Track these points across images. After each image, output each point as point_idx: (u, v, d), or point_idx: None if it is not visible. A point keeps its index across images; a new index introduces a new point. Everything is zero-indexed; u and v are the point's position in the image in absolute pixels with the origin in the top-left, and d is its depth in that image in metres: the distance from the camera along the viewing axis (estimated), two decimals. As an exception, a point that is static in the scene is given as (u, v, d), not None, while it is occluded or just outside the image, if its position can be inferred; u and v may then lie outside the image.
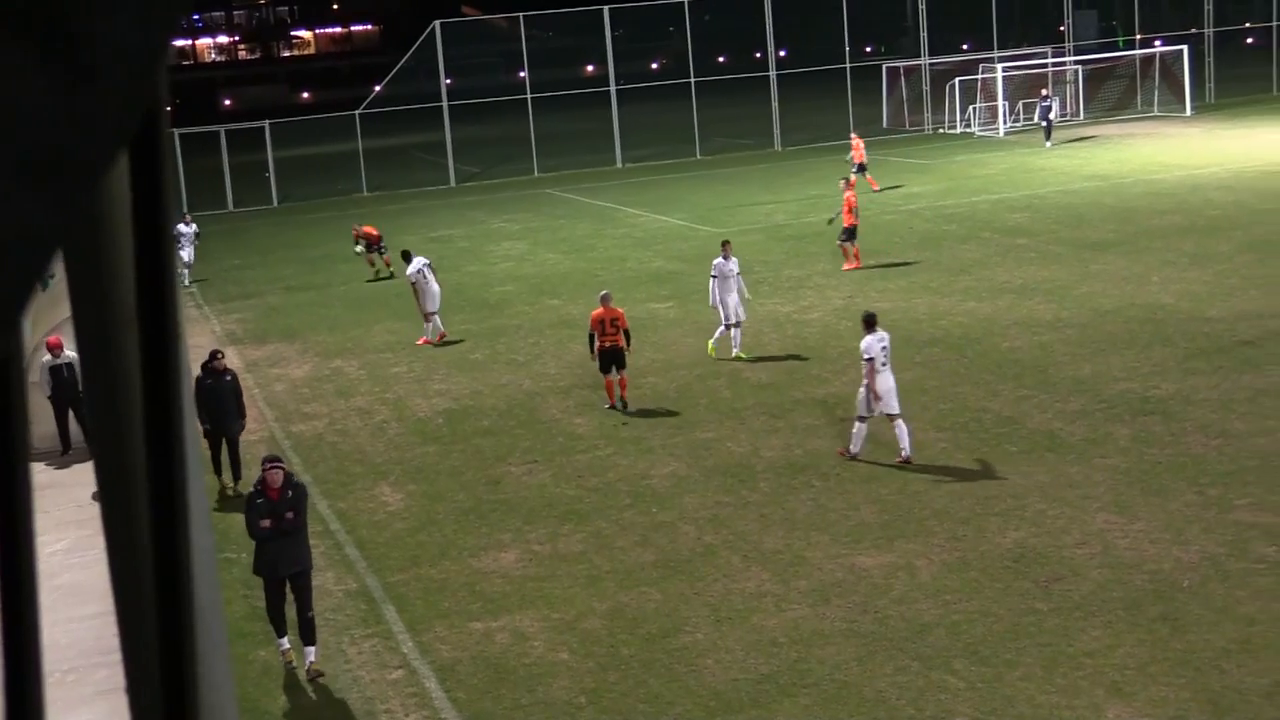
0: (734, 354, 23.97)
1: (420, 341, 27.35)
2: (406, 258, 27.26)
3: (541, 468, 20.11)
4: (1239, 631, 13.36)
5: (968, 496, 17.26)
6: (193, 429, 0.96)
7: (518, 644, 14.31)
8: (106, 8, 0.58)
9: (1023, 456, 18.54)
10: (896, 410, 18.43)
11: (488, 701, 13.16)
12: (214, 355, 20.18)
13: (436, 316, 27.41)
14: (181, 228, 36.80)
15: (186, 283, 36.09)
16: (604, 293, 22.09)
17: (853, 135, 45.04)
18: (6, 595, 0.81)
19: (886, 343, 18.52)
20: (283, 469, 14.64)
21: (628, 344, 21.21)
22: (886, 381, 18.32)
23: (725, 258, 24.95)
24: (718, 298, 24.28)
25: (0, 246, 0.58)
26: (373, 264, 35.83)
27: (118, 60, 0.59)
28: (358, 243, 36.61)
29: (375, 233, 36.14)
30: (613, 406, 21.42)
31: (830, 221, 33.50)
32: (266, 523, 14.01)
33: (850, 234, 31.65)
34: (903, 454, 18.17)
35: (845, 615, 14.31)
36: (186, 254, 36.88)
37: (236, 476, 19.28)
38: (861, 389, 18.54)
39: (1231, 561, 14.74)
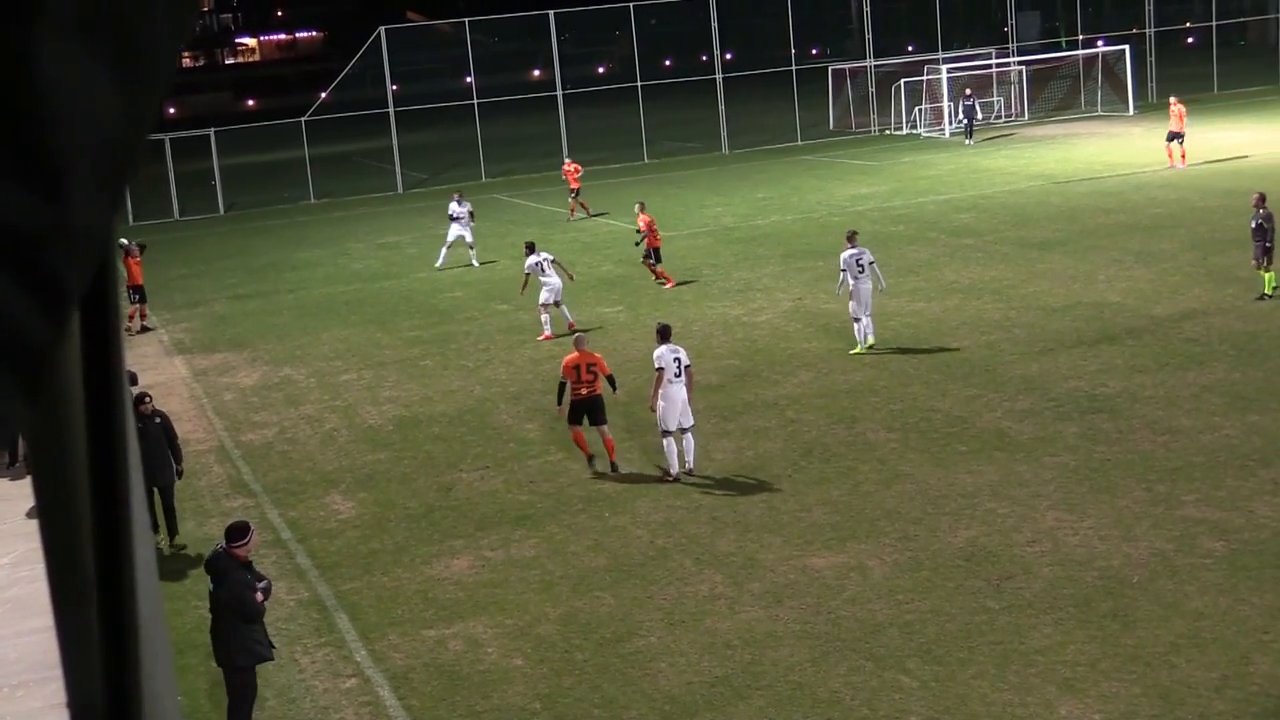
0: (867, 344, 23.72)
1: (541, 338, 26.70)
2: (529, 249, 26.74)
3: (493, 474, 19.80)
4: (1187, 626, 13.38)
5: (919, 496, 17.13)
6: (134, 441, 0.92)
7: (471, 651, 14.16)
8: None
9: (972, 455, 18.42)
10: (690, 423, 18.44)
11: (442, 709, 13.01)
12: (140, 399, 18.18)
13: (555, 308, 26.53)
14: (454, 206, 35.63)
15: (475, 264, 35.37)
16: (578, 335, 20.20)
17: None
18: None
19: (681, 355, 18.39)
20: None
21: (613, 388, 19.02)
22: (680, 394, 18.22)
23: (853, 246, 24.35)
24: (852, 288, 23.75)
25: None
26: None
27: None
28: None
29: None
30: (590, 457, 18.74)
31: (638, 244, 33.00)
32: (259, 597, 13.29)
33: (655, 255, 31.42)
34: (687, 465, 18.29)
35: (798, 617, 14.22)
36: (467, 234, 35.66)
37: (172, 532, 17.67)
38: (661, 404, 18.44)
39: (1180, 557, 14.74)
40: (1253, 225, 25.19)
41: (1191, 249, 31.07)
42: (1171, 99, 43.78)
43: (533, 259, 26.41)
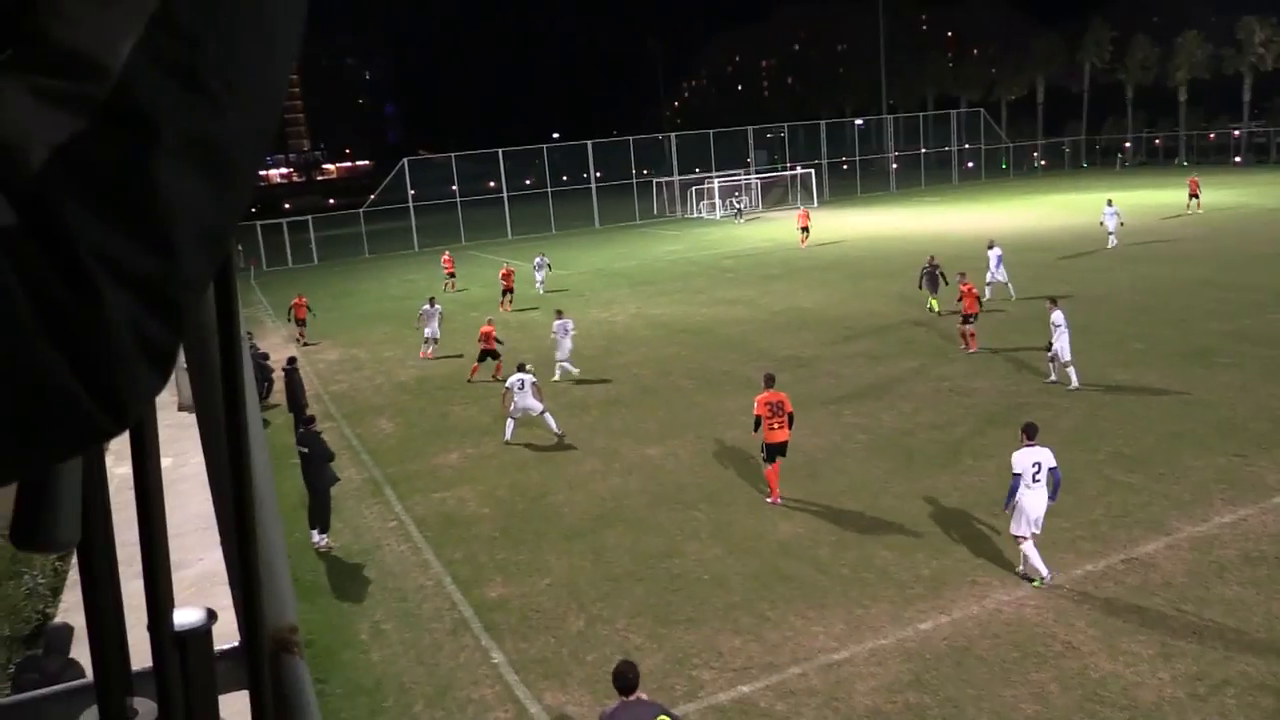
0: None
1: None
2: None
3: (472, 407, 22.17)
4: (848, 481, 15.26)
5: (705, 414, 19.59)
6: (249, 371, 0.95)
7: (460, 505, 15.94)
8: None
9: (734, 391, 20.79)
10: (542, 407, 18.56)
11: (445, 537, 14.69)
12: (292, 361, 20.95)
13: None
14: (538, 259, 38.24)
15: (541, 291, 36.93)
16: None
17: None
18: None
19: (527, 378, 18.41)
20: None
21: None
22: (526, 400, 18.42)
23: (560, 318, 23.53)
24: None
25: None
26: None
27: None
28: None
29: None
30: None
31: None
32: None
33: (509, 293, 34.55)
34: (556, 434, 18.58)
35: (640, 483, 16.16)
36: (539, 277, 37.71)
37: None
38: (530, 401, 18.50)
39: (845, 444, 17.07)
40: (925, 270, 27.76)
41: (849, 280, 35.25)
42: (800, 208, 51.13)
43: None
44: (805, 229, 45.75)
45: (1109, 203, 38.78)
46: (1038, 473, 11.84)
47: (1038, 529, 11.98)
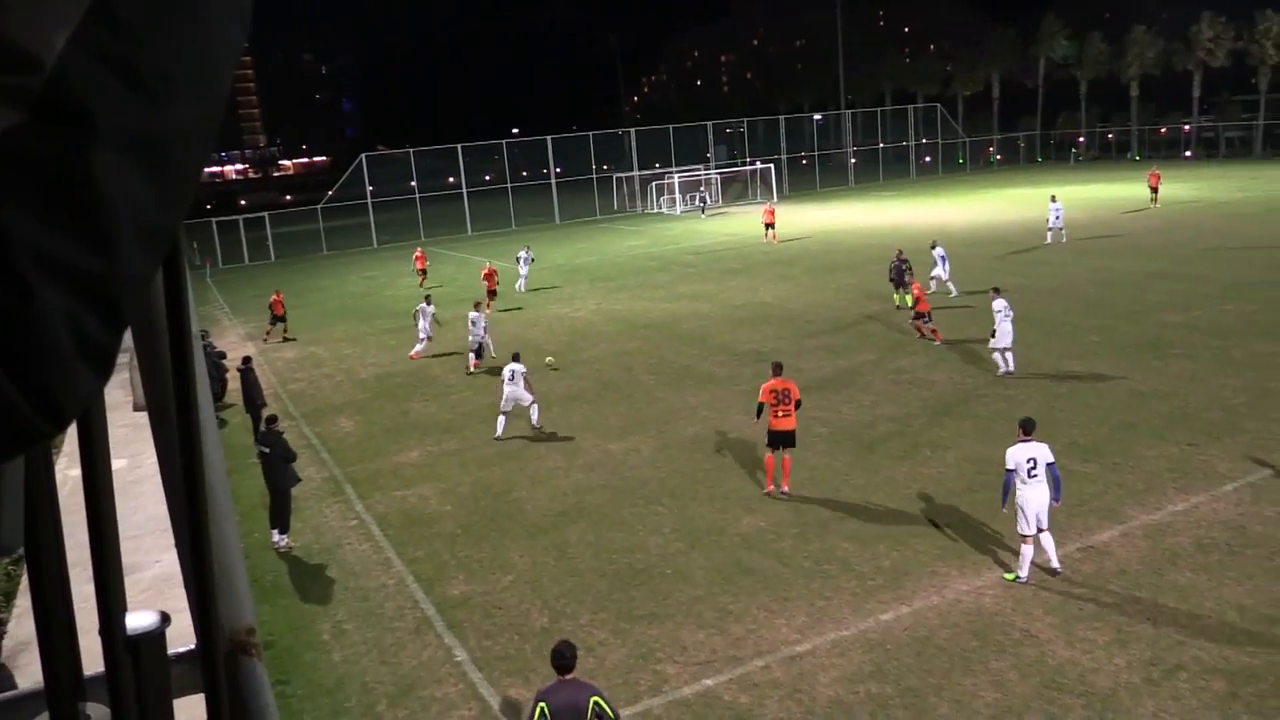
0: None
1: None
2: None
3: (431, 403, 21.98)
4: (807, 474, 15.21)
5: (667, 409, 19.63)
6: (202, 364, 0.94)
7: (421, 502, 15.85)
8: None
9: (696, 386, 21.11)
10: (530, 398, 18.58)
11: (407, 535, 14.60)
12: (248, 360, 20.30)
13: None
14: (521, 254, 37.87)
15: (523, 289, 36.40)
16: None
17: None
18: None
19: (518, 368, 18.34)
20: None
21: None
22: (517, 391, 18.46)
23: (475, 310, 24.12)
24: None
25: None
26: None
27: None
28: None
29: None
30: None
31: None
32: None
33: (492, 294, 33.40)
34: (534, 423, 18.64)
35: (603, 477, 16.23)
36: (523, 271, 37.08)
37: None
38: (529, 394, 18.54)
39: (806, 437, 16.11)
40: (893, 265, 27.79)
41: (810, 274, 35.35)
42: (766, 205, 51.05)
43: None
44: (770, 225, 45.56)
45: (1053, 198, 39.25)
46: (1033, 468, 11.71)
47: (1044, 525, 11.80)
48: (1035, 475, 11.70)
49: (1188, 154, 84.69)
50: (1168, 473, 14.70)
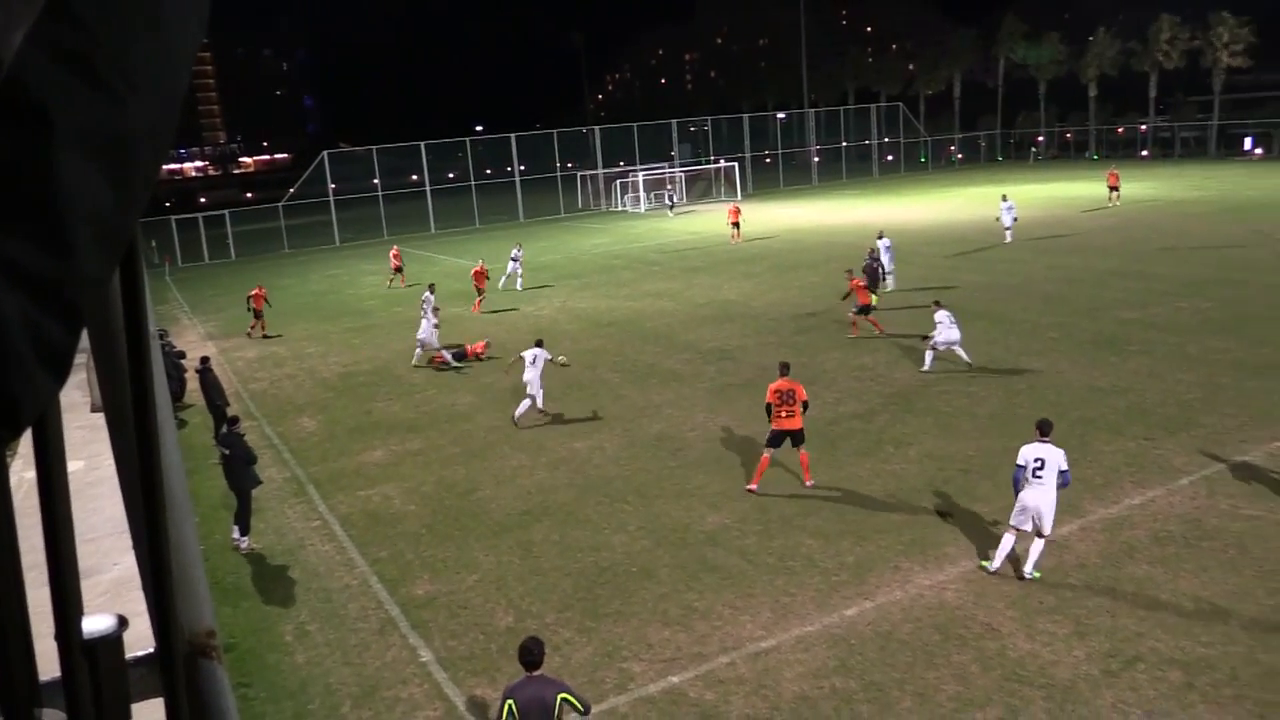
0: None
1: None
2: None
3: (395, 403, 21.89)
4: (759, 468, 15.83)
5: (631, 407, 19.70)
6: (160, 368, 0.93)
7: (385, 502, 15.81)
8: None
9: (660, 384, 21.17)
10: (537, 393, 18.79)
11: (370, 535, 14.55)
12: (205, 360, 20.07)
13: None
14: (514, 252, 37.54)
15: (519, 288, 35.85)
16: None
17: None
18: None
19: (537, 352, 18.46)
20: None
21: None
22: (535, 375, 18.76)
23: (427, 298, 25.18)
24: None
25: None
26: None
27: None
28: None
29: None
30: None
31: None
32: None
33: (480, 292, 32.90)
34: (515, 415, 18.90)
35: (568, 475, 16.20)
36: (514, 267, 36.58)
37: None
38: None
39: (761, 435, 15.94)
40: (866, 263, 27.22)
41: (773, 271, 35.59)
42: (731, 204, 52.06)
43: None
44: (736, 224, 45.49)
45: (1004, 198, 39.61)
46: (1040, 468, 11.57)
47: (1045, 530, 11.69)
48: (1040, 476, 11.62)
49: (1144, 154, 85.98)
50: (1125, 467, 14.91)
